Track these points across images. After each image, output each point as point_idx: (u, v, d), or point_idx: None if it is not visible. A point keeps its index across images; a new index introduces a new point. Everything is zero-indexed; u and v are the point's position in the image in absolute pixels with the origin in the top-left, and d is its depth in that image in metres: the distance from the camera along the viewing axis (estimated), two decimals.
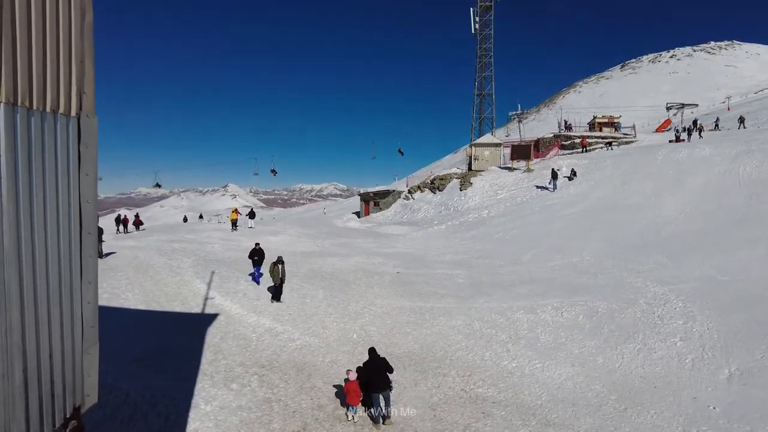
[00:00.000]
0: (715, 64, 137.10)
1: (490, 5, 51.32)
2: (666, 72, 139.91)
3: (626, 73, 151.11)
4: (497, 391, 10.39)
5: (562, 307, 14.46)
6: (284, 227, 32.73)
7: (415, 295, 16.09)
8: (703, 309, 13.83)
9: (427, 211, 37.84)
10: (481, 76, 52.42)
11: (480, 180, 38.79)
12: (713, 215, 23.82)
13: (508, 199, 34.26)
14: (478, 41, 52.11)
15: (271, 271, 14.92)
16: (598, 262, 19.75)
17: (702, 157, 31.89)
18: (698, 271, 17.52)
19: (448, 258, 22.02)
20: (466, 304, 15.11)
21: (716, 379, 10.45)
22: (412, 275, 18.62)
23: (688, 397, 9.84)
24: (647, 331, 12.78)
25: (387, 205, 43.58)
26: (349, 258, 21.22)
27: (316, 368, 11.23)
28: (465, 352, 12.11)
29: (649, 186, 29.58)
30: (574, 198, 31.05)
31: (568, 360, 11.58)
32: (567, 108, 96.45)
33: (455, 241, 27.01)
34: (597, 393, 10.22)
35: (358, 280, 17.66)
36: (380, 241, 27.51)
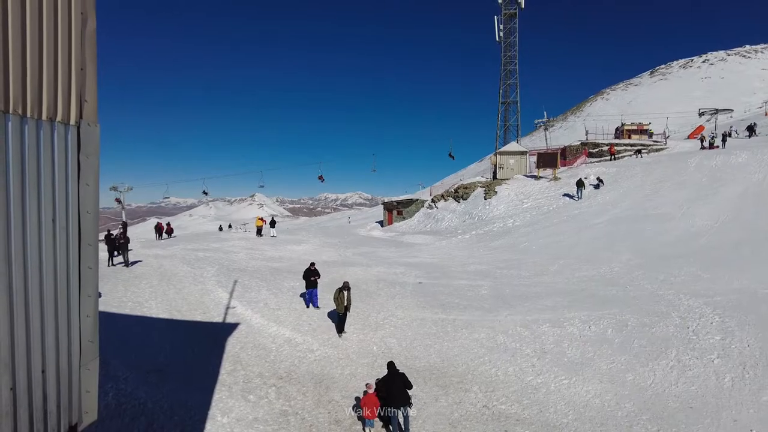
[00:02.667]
0: (750, 68, 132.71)
1: (515, 12, 50.90)
2: (698, 77, 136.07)
3: (656, 80, 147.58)
4: (521, 408, 9.99)
5: (590, 321, 13.92)
6: (308, 236, 32.83)
7: (437, 307, 15.77)
8: (742, 324, 13.09)
9: (451, 221, 37.42)
10: (505, 83, 51.90)
11: (505, 189, 38.20)
12: (751, 225, 22.76)
13: (534, 209, 33.60)
14: (503, 49, 51.69)
15: (336, 298, 13.32)
16: (627, 273, 19.04)
17: (738, 164, 30.70)
18: (736, 284, 16.70)
19: (472, 268, 21.59)
20: (489, 317, 14.70)
21: (759, 400, 9.81)
22: (435, 286, 18.29)
23: (728, 419, 9.25)
24: (681, 347, 12.14)
25: (410, 214, 43.32)
26: (371, 268, 21.02)
27: (334, 381, 11.04)
28: (488, 367, 11.73)
29: (681, 194, 28.57)
30: (602, 207, 30.22)
31: (596, 376, 11.07)
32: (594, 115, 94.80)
33: (479, 251, 26.55)
34: (627, 412, 9.71)
35: (380, 291, 17.43)
36: (403, 251, 27.26)
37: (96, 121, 3.43)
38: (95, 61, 3.42)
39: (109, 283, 16.58)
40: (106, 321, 12.71)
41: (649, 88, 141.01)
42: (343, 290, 13.25)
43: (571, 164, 41.90)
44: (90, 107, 3.36)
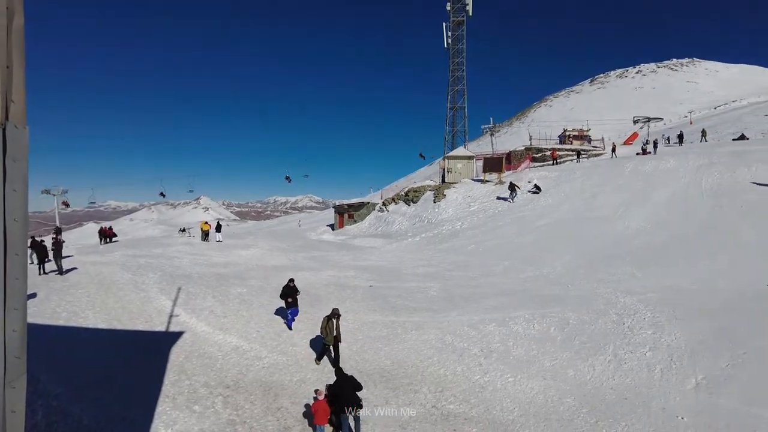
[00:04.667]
0: (677, 80, 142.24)
1: (463, 20, 52.10)
2: (632, 87, 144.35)
3: (595, 88, 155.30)
4: (469, 407, 10.22)
5: (534, 319, 14.45)
6: (256, 241, 32.17)
7: (387, 309, 15.88)
8: (671, 319, 14.01)
9: (402, 224, 37.78)
10: (453, 89, 53.04)
11: (453, 192, 38.99)
12: (679, 226, 24.40)
13: (480, 211, 34.49)
14: (451, 55, 52.77)
15: (323, 328, 11.81)
16: (569, 273, 19.93)
17: (668, 170, 32.79)
18: (666, 281, 17.85)
19: (422, 270, 21.90)
20: (438, 318, 14.96)
21: (684, 388, 10.52)
22: (385, 288, 18.41)
23: (657, 408, 9.86)
24: (618, 342, 12.84)
25: (362, 218, 43.37)
26: (322, 272, 20.89)
27: (283, 388, 10.88)
28: (437, 367, 11.93)
29: (618, 198, 30.19)
30: (545, 210, 31.44)
31: (540, 373, 11.51)
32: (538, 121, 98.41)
33: (429, 253, 26.96)
34: (569, 407, 10.15)
35: (330, 295, 17.35)
36: (354, 254, 27.25)
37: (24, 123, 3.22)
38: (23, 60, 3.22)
39: (41, 292, 15.59)
40: (37, 334, 11.96)
41: (589, 95, 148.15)
42: (331, 318, 11.79)
43: (515, 168, 43.34)
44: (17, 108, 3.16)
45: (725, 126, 60.14)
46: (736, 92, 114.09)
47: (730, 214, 24.84)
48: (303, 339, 13.56)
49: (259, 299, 16.24)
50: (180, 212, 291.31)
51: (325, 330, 11.77)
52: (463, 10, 51.70)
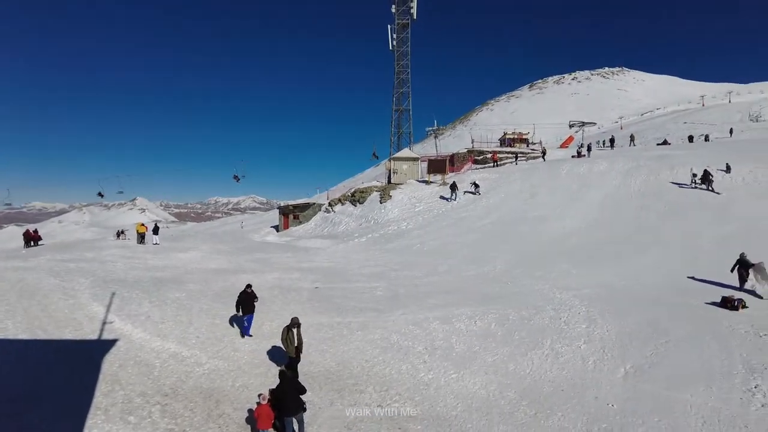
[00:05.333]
0: (609, 87, 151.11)
1: (407, 23, 52.69)
2: (569, 93, 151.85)
3: (534, 93, 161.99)
4: (413, 404, 10.34)
5: (476, 316, 14.85)
6: (196, 243, 31.05)
7: (333, 311, 15.78)
8: (603, 313, 14.83)
9: (348, 224, 37.69)
10: (398, 91, 53.50)
11: (399, 193, 39.37)
12: (611, 225, 25.90)
13: (425, 212, 35.04)
14: (396, 57, 53.24)
15: (284, 339, 11.20)
16: (509, 271, 20.64)
17: (599, 172, 34.71)
18: (599, 278, 18.88)
19: (368, 271, 21.94)
20: (384, 317, 15.05)
21: (614, 378, 11.16)
22: (331, 290, 18.30)
23: (590, 397, 10.40)
24: (554, 336, 13.42)
25: (307, 219, 42.88)
26: (265, 274, 20.46)
27: (225, 394, 10.56)
28: (382, 367, 11.99)
29: (555, 199, 31.61)
30: (486, 210, 32.40)
31: (482, 369, 11.83)
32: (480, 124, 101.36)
33: (375, 253, 27.06)
34: (510, 400, 10.49)
35: (274, 298, 17.01)
36: (299, 256, 26.90)
37: None
38: None
39: None
40: None
41: (529, 100, 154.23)
42: (291, 328, 11.18)
43: (458, 170, 44.36)
44: None
45: (651, 131, 64.50)
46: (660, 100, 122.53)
47: (655, 214, 26.66)
48: (245, 344, 13.23)
49: (198, 303, 15.69)
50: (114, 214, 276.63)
51: (285, 341, 11.15)
52: (407, 13, 52.28)
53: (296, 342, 11.12)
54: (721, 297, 15.33)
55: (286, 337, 11.16)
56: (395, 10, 52.31)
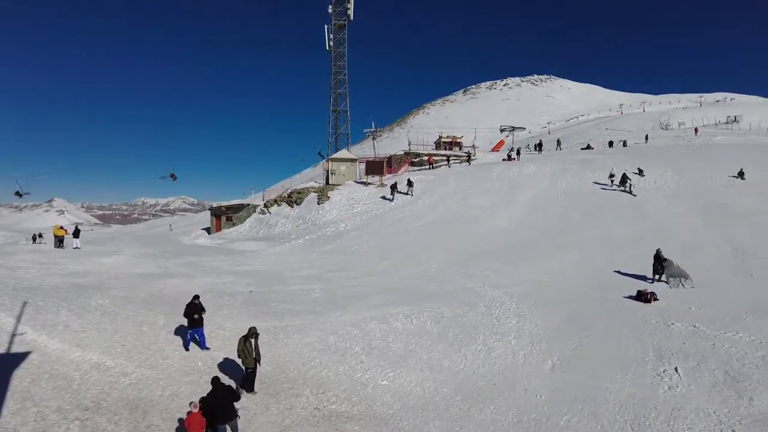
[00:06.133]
0: (538, 94, 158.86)
1: (344, 24, 52.67)
2: (500, 98, 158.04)
3: (468, 98, 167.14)
4: (351, 405, 10.36)
5: (412, 315, 15.10)
6: (121, 246, 29.30)
7: (268, 314, 15.44)
8: (531, 308, 15.59)
9: (285, 226, 37.05)
10: (336, 92, 53.37)
11: (337, 194, 39.23)
12: (538, 225, 27.24)
13: (363, 213, 35.16)
14: (333, 58, 53.07)
15: (240, 350, 10.64)
16: (443, 270, 21.17)
17: (528, 175, 36.42)
18: (527, 275, 19.79)
19: (305, 273, 21.69)
20: (321, 319, 14.93)
21: (542, 370, 11.76)
22: (267, 293, 17.90)
23: (521, 390, 10.89)
24: (487, 332, 13.93)
25: (241, 220, 41.68)
26: (197, 278, 19.67)
27: (153, 404, 10.04)
28: (319, 369, 11.90)
29: (487, 200, 32.79)
30: (422, 211, 33.03)
31: (418, 366, 12.05)
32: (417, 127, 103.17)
33: (313, 255, 26.79)
34: (444, 396, 10.77)
35: (206, 303, 16.21)
36: (233, 259, 26.10)
37: None
38: None
39: None
40: None
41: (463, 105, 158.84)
42: (249, 338, 10.72)
43: (396, 172, 44.87)
44: None
45: (575, 137, 68.51)
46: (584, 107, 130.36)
47: (579, 214, 28.36)
48: (175, 351, 12.63)
49: (124, 310, 14.80)
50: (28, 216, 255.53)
51: (243, 352, 10.60)
52: (344, 14, 52.28)
53: (254, 353, 10.65)
54: (637, 291, 16.58)
55: (243, 347, 10.61)
56: (332, 11, 52.16)
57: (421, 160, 47.73)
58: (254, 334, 10.81)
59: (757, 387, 10.26)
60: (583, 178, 34.15)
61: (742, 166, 30.57)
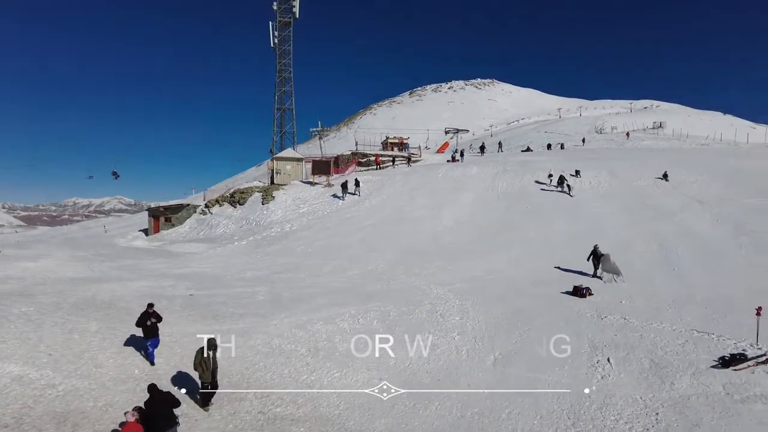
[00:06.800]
0: (481, 98, 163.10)
1: (290, 21, 51.84)
2: (445, 101, 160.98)
3: (414, 100, 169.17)
4: (296, 407, 10.23)
5: (359, 314, 15.12)
6: (48, 249, 27.39)
7: (210, 318, 14.94)
8: (474, 305, 16.01)
9: (227, 227, 35.99)
10: (281, 90, 52.42)
11: (282, 194, 38.58)
12: (480, 224, 28.02)
13: (310, 213, 34.78)
14: (278, 56, 52.10)
15: (197, 363, 10.06)
16: (390, 269, 21.33)
17: (471, 176, 37.40)
18: (470, 272, 20.30)
19: (249, 275, 21.17)
20: (265, 322, 14.62)
21: (485, 365, 12.11)
22: (208, 296, 17.32)
23: (464, 385, 11.18)
24: (432, 329, 14.18)
25: (181, 221, 40.10)
26: (133, 282, 18.72)
27: (84, 416, 9.47)
28: (263, 372, 11.67)
29: (432, 200, 33.36)
30: (370, 211, 33.11)
31: (363, 365, 12.08)
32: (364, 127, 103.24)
33: (257, 256, 26.21)
34: (390, 394, 10.83)
35: (143, 307, 15.61)
36: (172, 261, 25.08)
37: None
38: None
39: None
40: None
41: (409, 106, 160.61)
42: (207, 350, 10.13)
43: (343, 172, 44.72)
44: None
45: (516, 139, 71.01)
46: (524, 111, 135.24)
47: (519, 213, 29.42)
48: (110, 358, 11.96)
49: (52, 318, 13.83)
50: None
51: (200, 365, 10.01)
52: (290, 12, 51.46)
53: (212, 366, 10.09)
54: (573, 286, 17.39)
55: (200, 360, 10.02)
56: (277, 8, 51.20)
57: (368, 161, 47.83)
58: (213, 346, 10.14)
59: (677, 372, 11.11)
60: (523, 179, 35.46)
61: (666, 169, 32.78)
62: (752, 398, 9.99)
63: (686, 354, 12.03)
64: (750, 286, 17.06)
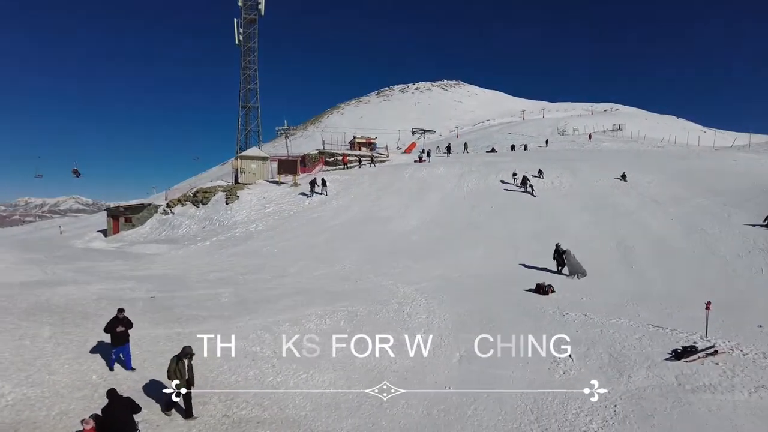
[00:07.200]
0: (447, 99, 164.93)
1: (255, 18, 51.06)
2: (413, 101, 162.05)
3: (381, 100, 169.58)
4: (262, 409, 10.09)
5: (326, 315, 15.04)
6: None
7: (172, 321, 14.54)
8: (440, 303, 16.18)
9: (190, 227, 35.11)
10: (246, 88, 51.57)
11: (247, 193, 37.95)
12: (447, 224, 28.34)
13: (276, 213, 34.34)
14: (242, 53, 51.25)
15: (172, 371, 9.67)
16: (358, 269, 21.31)
17: (438, 176, 37.78)
18: (436, 271, 20.51)
19: (213, 276, 20.73)
20: (229, 324, 14.33)
21: (450, 362, 12.26)
22: (171, 299, 16.86)
23: (431, 381, 11.28)
24: (399, 328, 14.24)
25: (141, 221, 38.90)
26: (91, 285, 18.02)
27: (37, 426, 9.06)
28: (228, 375, 11.44)
29: (399, 200, 33.53)
30: (337, 211, 32.99)
31: (330, 366, 12.01)
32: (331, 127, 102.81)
33: (221, 257, 25.70)
34: (357, 394, 10.83)
35: (102, 311, 15.02)
36: (132, 263, 24.30)
37: None
38: None
39: None
40: None
41: (376, 106, 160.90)
42: (182, 358, 9.81)
43: (310, 171, 44.33)
44: None
45: (482, 140, 72.15)
46: (489, 113, 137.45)
47: (485, 213, 29.91)
48: (65, 364, 11.47)
49: (2, 323, 13.19)
50: None
51: (175, 373, 9.62)
52: (255, 9, 50.70)
53: (188, 374, 9.76)
54: (536, 284, 17.80)
55: (175, 368, 9.66)
56: (242, 4, 50.34)
57: (335, 160, 47.61)
58: (188, 354, 9.84)
59: (634, 365, 11.57)
60: (488, 179, 36.06)
61: (625, 170, 33.95)
62: (701, 388, 10.50)
63: (643, 348, 12.52)
64: (701, 282, 17.90)
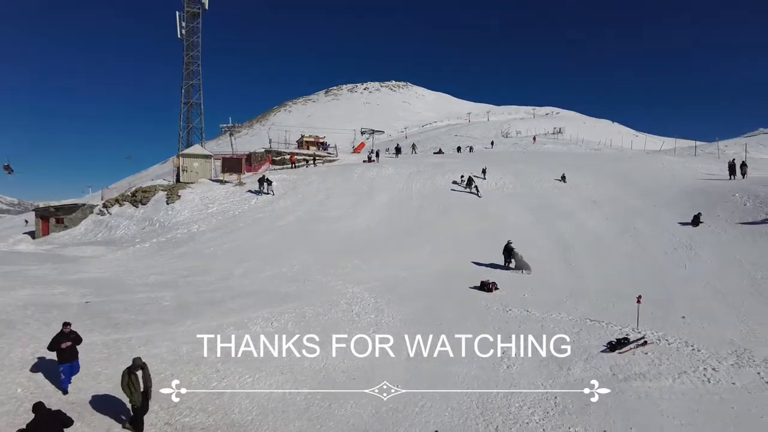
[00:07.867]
0: (395, 100, 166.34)
1: (198, 12, 49.43)
2: (362, 101, 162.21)
3: (330, 99, 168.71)
4: (206, 415, 9.79)
5: (273, 317, 14.80)
6: None
7: (109, 327, 13.81)
8: (389, 302, 16.31)
9: (128, 228, 33.46)
10: (188, 83, 49.85)
11: (189, 193, 36.61)
12: (395, 224, 28.59)
13: (219, 213, 33.36)
14: (185, 47, 49.49)
15: (125, 385, 9.07)
16: (305, 270, 21.09)
17: (387, 176, 38.02)
18: (385, 271, 20.66)
19: (153, 279, 19.86)
20: (171, 329, 13.80)
21: (399, 360, 12.37)
22: (107, 303, 15.99)
23: (381, 381, 11.31)
24: (347, 328, 14.24)
25: (75, 222, 36.68)
26: (16, 291, 16.75)
27: None
28: (170, 381, 11.00)
29: (348, 200, 33.44)
30: (284, 211, 32.47)
31: (277, 369, 11.82)
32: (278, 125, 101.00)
33: (162, 259, 24.68)
34: (305, 396, 10.73)
35: (29, 318, 14.04)
36: (65, 267, 22.85)
37: None
38: None
39: None
40: None
41: (325, 105, 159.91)
42: (134, 371, 9.15)
43: (256, 170, 43.39)
44: None
45: (429, 142, 73.36)
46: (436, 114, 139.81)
47: (432, 213, 30.40)
48: None
49: None
50: None
51: (128, 387, 9.07)
52: (198, 2, 49.08)
53: (143, 386, 9.19)
54: (480, 282, 18.29)
55: (128, 382, 9.07)
56: None
57: (283, 159, 46.83)
58: (140, 366, 9.31)
59: (573, 358, 12.11)
60: (435, 180, 36.65)
61: (564, 171, 35.49)
62: (632, 377, 11.20)
63: (581, 341, 13.17)
64: (633, 278, 19.01)
